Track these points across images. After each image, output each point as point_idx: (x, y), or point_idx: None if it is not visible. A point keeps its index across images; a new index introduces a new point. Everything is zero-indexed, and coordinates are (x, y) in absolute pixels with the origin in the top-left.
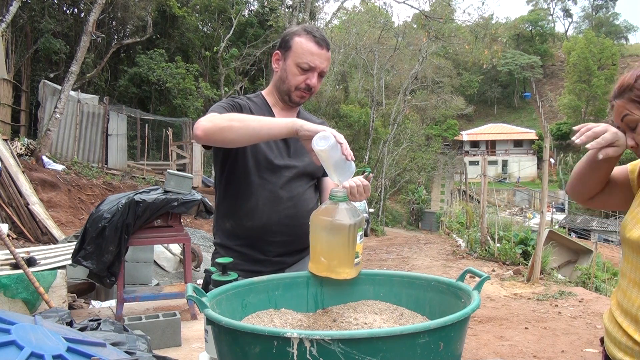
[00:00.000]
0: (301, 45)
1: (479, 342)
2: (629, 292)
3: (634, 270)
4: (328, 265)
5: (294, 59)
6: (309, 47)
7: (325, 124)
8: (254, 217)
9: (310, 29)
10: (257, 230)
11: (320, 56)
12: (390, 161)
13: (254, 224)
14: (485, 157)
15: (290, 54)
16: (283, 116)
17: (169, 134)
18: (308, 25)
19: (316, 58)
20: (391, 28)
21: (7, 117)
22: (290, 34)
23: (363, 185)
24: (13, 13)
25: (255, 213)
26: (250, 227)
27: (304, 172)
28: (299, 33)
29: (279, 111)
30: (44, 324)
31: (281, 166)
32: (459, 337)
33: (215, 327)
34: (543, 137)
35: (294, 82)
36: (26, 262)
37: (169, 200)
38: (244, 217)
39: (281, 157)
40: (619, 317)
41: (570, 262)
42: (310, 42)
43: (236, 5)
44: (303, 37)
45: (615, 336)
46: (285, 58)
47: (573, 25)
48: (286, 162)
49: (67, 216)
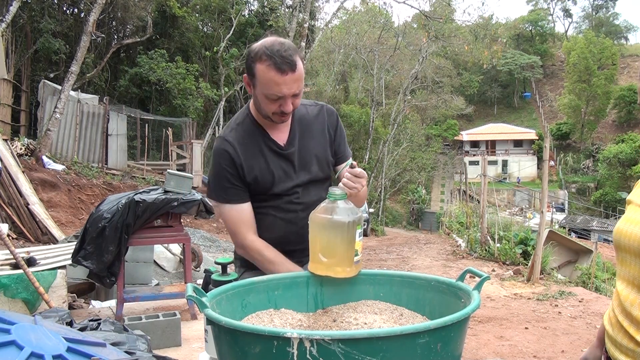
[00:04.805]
0: (264, 75)
1: (479, 342)
2: (625, 293)
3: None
4: (328, 264)
5: (261, 89)
6: (271, 76)
7: (324, 107)
8: (273, 231)
9: (270, 50)
10: (275, 241)
11: (286, 82)
12: (390, 161)
13: (271, 235)
14: (485, 157)
15: (257, 82)
16: (277, 132)
17: (169, 134)
18: (270, 42)
19: (282, 87)
20: (391, 28)
21: (7, 117)
22: (252, 57)
23: (353, 174)
24: (13, 13)
25: (274, 227)
26: (268, 238)
27: (315, 179)
28: (259, 57)
29: (271, 127)
30: (44, 324)
31: (291, 186)
32: (458, 337)
33: (215, 327)
34: (543, 137)
35: (269, 110)
36: (26, 262)
37: (169, 200)
38: (264, 230)
39: (289, 179)
40: (619, 316)
41: (570, 262)
42: (271, 70)
43: (236, 5)
44: (264, 63)
45: (615, 338)
46: (253, 85)
47: (573, 25)
48: (295, 181)
49: (67, 216)
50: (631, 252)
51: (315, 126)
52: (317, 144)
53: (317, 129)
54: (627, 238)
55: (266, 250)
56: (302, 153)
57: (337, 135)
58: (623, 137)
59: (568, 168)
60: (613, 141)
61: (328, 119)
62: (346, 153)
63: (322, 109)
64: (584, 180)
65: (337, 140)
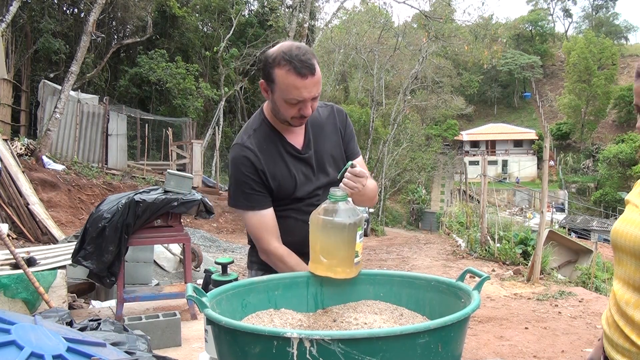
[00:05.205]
0: (283, 81)
1: (479, 342)
2: (620, 293)
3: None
4: (328, 264)
5: (280, 94)
6: (291, 81)
7: (334, 107)
8: (294, 234)
9: (289, 54)
10: (297, 243)
11: (306, 86)
12: (390, 161)
13: (293, 239)
14: (485, 157)
15: (276, 88)
16: (293, 135)
17: (169, 134)
18: (287, 47)
19: (303, 91)
20: (391, 28)
21: (7, 117)
22: (270, 63)
23: (354, 174)
24: (13, 13)
25: (295, 230)
26: (290, 241)
27: (333, 181)
28: (278, 63)
29: (287, 131)
30: (44, 324)
31: (312, 189)
32: (458, 337)
33: (215, 327)
34: (543, 137)
35: (288, 114)
36: (26, 262)
37: (169, 200)
38: (286, 233)
39: (310, 182)
40: (615, 316)
41: (570, 262)
42: (291, 74)
43: (236, 5)
44: (283, 68)
45: (612, 338)
46: (272, 90)
47: (573, 25)
48: (315, 184)
49: (67, 216)
50: (627, 252)
51: (328, 127)
52: (332, 145)
53: (330, 130)
54: (623, 238)
55: (288, 257)
56: (319, 155)
57: (347, 133)
58: (623, 137)
59: (568, 168)
60: (613, 141)
61: (338, 117)
62: (355, 151)
63: (332, 109)
64: (584, 180)
65: (347, 138)
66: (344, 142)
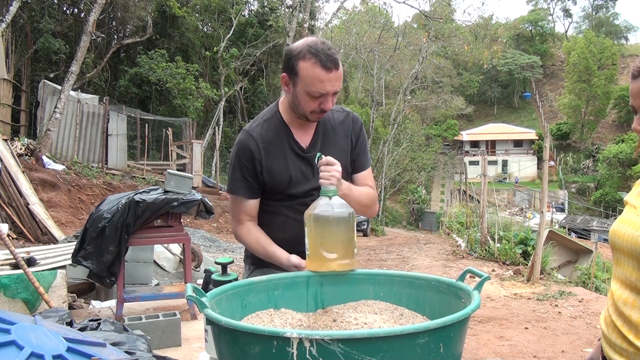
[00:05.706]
0: (308, 73)
1: (479, 342)
2: (618, 293)
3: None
4: (331, 259)
5: (303, 87)
6: (316, 74)
7: (350, 114)
8: (285, 231)
9: (315, 48)
10: (288, 241)
11: (331, 80)
12: (390, 161)
13: (284, 236)
14: (485, 157)
15: (299, 81)
16: (301, 133)
17: (169, 134)
18: (312, 41)
19: (326, 84)
20: (391, 28)
21: (7, 117)
22: (295, 56)
23: (324, 164)
24: (13, 13)
25: (287, 227)
26: (281, 238)
27: None
28: (303, 56)
29: (296, 128)
30: (44, 324)
31: (308, 189)
32: (459, 337)
33: (215, 327)
34: (543, 137)
35: (308, 108)
36: (26, 262)
37: (169, 200)
38: (277, 230)
39: (307, 181)
40: (613, 316)
41: (570, 262)
42: (317, 67)
43: (236, 5)
44: (309, 61)
45: (610, 337)
46: (294, 83)
47: (573, 25)
48: (312, 184)
49: (67, 216)
50: (625, 252)
51: (340, 132)
52: (338, 151)
53: (341, 136)
54: (621, 239)
55: (255, 231)
56: None
57: (359, 144)
58: (623, 137)
59: (568, 168)
60: (613, 141)
61: (352, 126)
62: (364, 163)
63: (349, 115)
64: (584, 180)
65: (358, 149)
66: (354, 151)
